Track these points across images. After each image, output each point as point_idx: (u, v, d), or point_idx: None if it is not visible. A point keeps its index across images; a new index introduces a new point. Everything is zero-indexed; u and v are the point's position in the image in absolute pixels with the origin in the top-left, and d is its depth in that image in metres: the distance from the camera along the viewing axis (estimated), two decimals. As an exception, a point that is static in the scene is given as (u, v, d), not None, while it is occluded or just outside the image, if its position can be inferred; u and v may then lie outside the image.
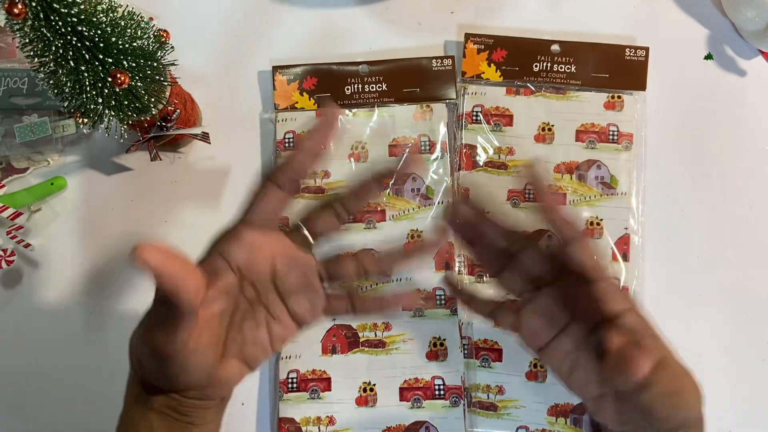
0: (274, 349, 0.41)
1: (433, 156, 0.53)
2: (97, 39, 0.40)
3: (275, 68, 0.55)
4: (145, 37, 0.44)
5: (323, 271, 0.39)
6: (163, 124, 0.49)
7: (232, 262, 0.37)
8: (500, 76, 0.55)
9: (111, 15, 0.41)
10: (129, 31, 0.42)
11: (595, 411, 0.40)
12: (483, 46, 0.55)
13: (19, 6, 0.36)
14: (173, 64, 0.47)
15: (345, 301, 0.40)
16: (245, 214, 0.38)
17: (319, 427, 0.50)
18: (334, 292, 0.40)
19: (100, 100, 0.42)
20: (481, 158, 0.54)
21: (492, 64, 0.55)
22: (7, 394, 0.52)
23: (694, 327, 0.52)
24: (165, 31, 0.46)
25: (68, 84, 0.41)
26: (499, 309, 0.41)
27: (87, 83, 0.41)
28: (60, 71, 0.41)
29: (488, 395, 0.50)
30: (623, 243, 0.52)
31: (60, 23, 0.38)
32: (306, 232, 0.39)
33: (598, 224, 0.52)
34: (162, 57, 0.46)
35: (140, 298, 0.53)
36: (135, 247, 0.31)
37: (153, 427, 0.40)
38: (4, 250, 0.52)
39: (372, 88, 0.54)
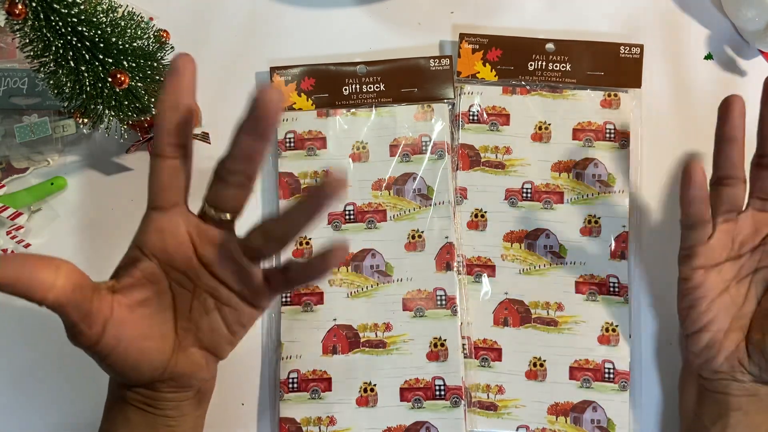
0: (237, 335, 0.39)
1: (434, 156, 0.53)
2: (97, 39, 0.40)
3: (273, 69, 0.55)
4: (145, 37, 0.44)
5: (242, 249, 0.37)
6: (163, 124, 0.49)
7: (145, 249, 0.37)
8: (495, 76, 0.55)
9: (111, 15, 0.41)
10: (129, 31, 0.43)
11: (711, 343, 0.45)
12: (477, 46, 0.55)
13: (19, 6, 0.36)
14: (173, 64, 0.47)
15: (280, 275, 0.37)
16: (149, 199, 0.37)
17: (319, 427, 0.50)
18: (268, 268, 0.38)
19: (100, 100, 0.43)
20: (479, 158, 0.54)
21: (487, 64, 0.55)
22: (6, 394, 0.52)
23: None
24: (165, 31, 0.46)
25: (68, 84, 0.41)
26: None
27: (87, 83, 0.41)
28: (60, 71, 0.41)
29: (488, 395, 0.50)
30: (621, 241, 0.52)
31: (60, 23, 0.38)
32: (214, 212, 0.37)
33: (596, 222, 0.52)
34: (162, 57, 0.46)
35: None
36: None
37: (130, 421, 0.40)
38: (4, 250, 0.52)
39: (370, 88, 0.54)
